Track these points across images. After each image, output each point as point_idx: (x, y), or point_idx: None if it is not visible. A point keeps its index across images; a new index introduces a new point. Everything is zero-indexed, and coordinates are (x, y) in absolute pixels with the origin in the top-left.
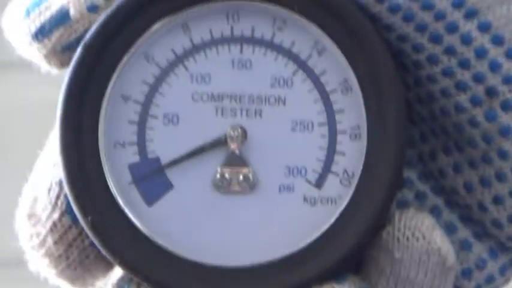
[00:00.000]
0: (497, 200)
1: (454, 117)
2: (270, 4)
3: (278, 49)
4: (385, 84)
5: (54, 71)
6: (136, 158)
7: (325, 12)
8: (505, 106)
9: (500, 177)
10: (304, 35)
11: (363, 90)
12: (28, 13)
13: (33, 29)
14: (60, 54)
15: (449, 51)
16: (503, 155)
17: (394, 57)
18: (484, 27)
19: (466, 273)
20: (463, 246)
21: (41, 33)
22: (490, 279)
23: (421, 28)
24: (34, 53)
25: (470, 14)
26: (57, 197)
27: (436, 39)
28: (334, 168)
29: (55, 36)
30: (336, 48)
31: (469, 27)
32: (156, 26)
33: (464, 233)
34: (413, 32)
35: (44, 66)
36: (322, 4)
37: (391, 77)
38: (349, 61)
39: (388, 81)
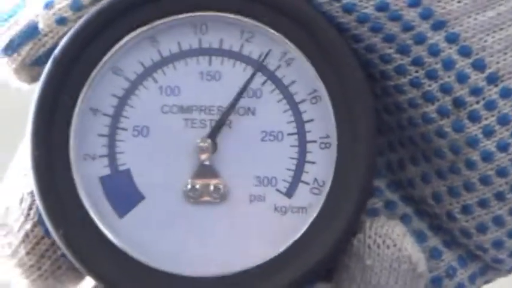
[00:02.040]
0: (465, 210)
1: (421, 128)
2: (238, 16)
3: (247, 60)
4: (354, 93)
5: (25, 85)
6: (107, 171)
7: (293, 23)
8: (472, 117)
9: (468, 187)
10: (272, 46)
11: (332, 99)
12: None
13: (2, 44)
14: (29, 69)
15: (417, 62)
16: (470, 165)
17: (362, 67)
18: (452, 39)
19: (436, 281)
20: (432, 254)
21: (10, 48)
22: (460, 287)
23: (389, 39)
24: (4, 68)
25: (438, 26)
26: (29, 208)
27: (403, 50)
28: (304, 177)
29: (24, 50)
30: (304, 58)
31: (437, 38)
32: (124, 40)
33: (434, 241)
34: (381, 42)
35: (14, 80)
36: (290, 15)
37: (360, 87)
38: (317, 71)
39: (357, 91)
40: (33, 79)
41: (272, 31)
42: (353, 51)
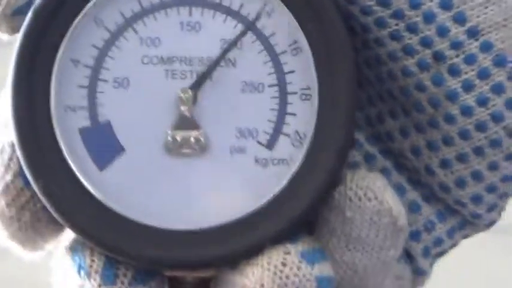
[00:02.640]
0: (444, 164)
1: (401, 81)
2: None
3: (227, 11)
4: (335, 45)
5: (5, 36)
6: (87, 122)
7: None
8: (452, 71)
9: (447, 141)
10: None
11: (313, 51)
12: None
13: None
14: (10, 19)
15: (397, 15)
16: (450, 119)
17: (343, 20)
18: None
19: (415, 235)
20: (411, 208)
21: None
22: (438, 241)
23: None
24: None
25: None
26: (10, 159)
27: (384, 2)
28: (285, 129)
29: (3, 1)
30: (285, 9)
31: None
32: None
33: (413, 195)
34: None
35: None
36: None
37: (341, 38)
38: (299, 22)
39: (338, 42)
40: (14, 30)
41: None
42: (335, 2)
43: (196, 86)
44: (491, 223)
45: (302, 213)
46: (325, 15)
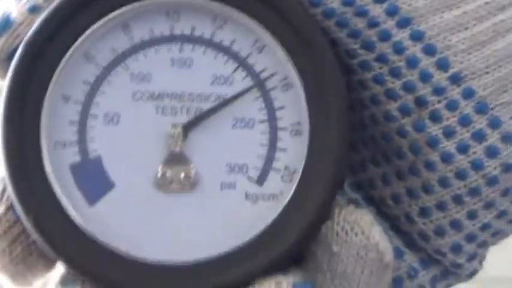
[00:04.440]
0: (424, 212)
1: (383, 126)
2: (211, 1)
3: (218, 47)
4: (326, 80)
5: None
6: (77, 158)
7: (266, 9)
8: (434, 117)
9: (427, 189)
10: (244, 33)
11: (304, 86)
12: None
13: None
14: (5, 63)
15: (381, 59)
16: (430, 166)
17: None
18: (417, 37)
19: (397, 282)
20: (395, 254)
21: None
22: None
23: (354, 35)
24: None
25: (404, 23)
26: (2, 192)
27: (368, 46)
28: (275, 164)
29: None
30: (276, 45)
31: (402, 36)
32: (96, 25)
33: (395, 241)
34: (346, 37)
35: None
36: (264, 1)
37: (333, 73)
38: (290, 57)
39: (329, 78)
40: None
41: (245, 17)
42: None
43: (191, 126)
44: (473, 272)
45: (292, 247)
46: (317, 50)
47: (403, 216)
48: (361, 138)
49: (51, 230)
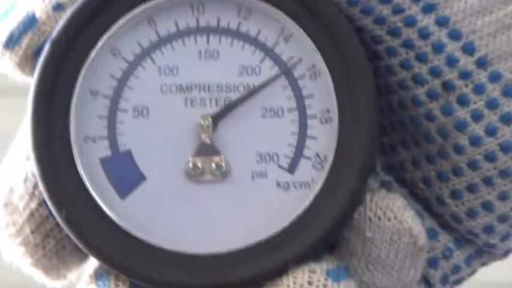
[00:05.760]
0: (455, 195)
1: (411, 111)
2: None
3: (244, 38)
4: (354, 67)
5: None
6: (107, 152)
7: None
8: (461, 100)
9: (457, 172)
10: (269, 23)
11: (332, 74)
12: None
13: (3, 39)
14: (32, 60)
15: (407, 44)
16: (459, 149)
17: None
18: (442, 22)
19: (433, 263)
20: (429, 235)
21: (10, 41)
22: (456, 269)
23: (380, 21)
24: (7, 64)
25: (428, 9)
26: (34, 187)
27: (394, 32)
28: (306, 152)
29: (25, 41)
30: (302, 33)
31: (427, 21)
32: (121, 20)
33: (429, 222)
34: (372, 24)
35: (19, 76)
36: None
37: (360, 59)
38: (316, 46)
39: (357, 64)
40: None
41: (269, 7)
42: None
43: (220, 116)
44: (507, 252)
45: (324, 234)
46: (342, 37)
47: (435, 198)
48: (390, 122)
49: (84, 226)
